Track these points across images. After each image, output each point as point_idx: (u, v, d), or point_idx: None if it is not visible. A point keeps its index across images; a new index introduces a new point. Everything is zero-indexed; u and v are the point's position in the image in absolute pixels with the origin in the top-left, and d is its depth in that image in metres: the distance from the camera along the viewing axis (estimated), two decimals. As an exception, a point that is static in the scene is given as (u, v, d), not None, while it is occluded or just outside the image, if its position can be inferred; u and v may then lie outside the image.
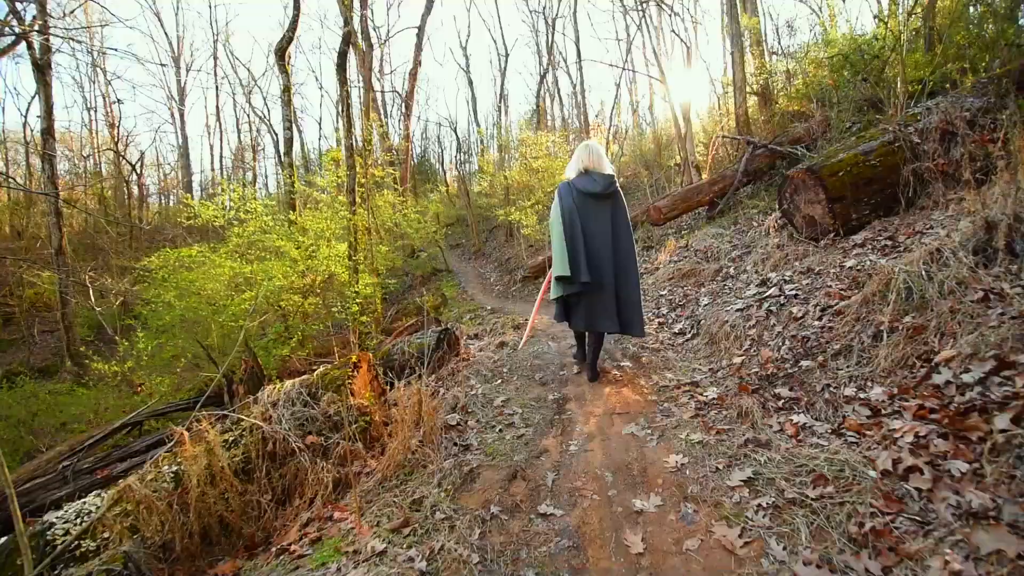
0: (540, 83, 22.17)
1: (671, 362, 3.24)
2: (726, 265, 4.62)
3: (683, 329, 3.70)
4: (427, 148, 30.34)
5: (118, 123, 23.54)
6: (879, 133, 3.68)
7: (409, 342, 4.44)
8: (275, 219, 7.07)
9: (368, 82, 15.60)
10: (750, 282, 3.67)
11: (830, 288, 2.88)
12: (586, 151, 3.17)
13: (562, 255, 2.99)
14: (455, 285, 12.10)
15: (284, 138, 9.22)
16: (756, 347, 2.87)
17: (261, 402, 2.90)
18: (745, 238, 5.04)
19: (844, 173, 3.48)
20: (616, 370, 3.38)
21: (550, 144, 13.02)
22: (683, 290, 4.69)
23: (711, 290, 4.04)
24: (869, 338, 2.29)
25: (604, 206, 3.08)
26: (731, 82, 11.22)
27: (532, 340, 4.60)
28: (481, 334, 5.50)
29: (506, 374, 3.71)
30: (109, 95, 23.35)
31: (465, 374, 3.86)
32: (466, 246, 17.26)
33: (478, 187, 16.66)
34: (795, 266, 3.48)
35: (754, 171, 7.24)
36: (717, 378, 2.83)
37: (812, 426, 2.08)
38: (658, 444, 2.32)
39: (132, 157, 24.22)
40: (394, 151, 21.21)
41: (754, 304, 3.19)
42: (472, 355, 4.42)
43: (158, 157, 30.28)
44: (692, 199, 6.75)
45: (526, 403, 3.04)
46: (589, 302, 3.03)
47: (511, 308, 7.37)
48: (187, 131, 25.09)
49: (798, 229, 3.89)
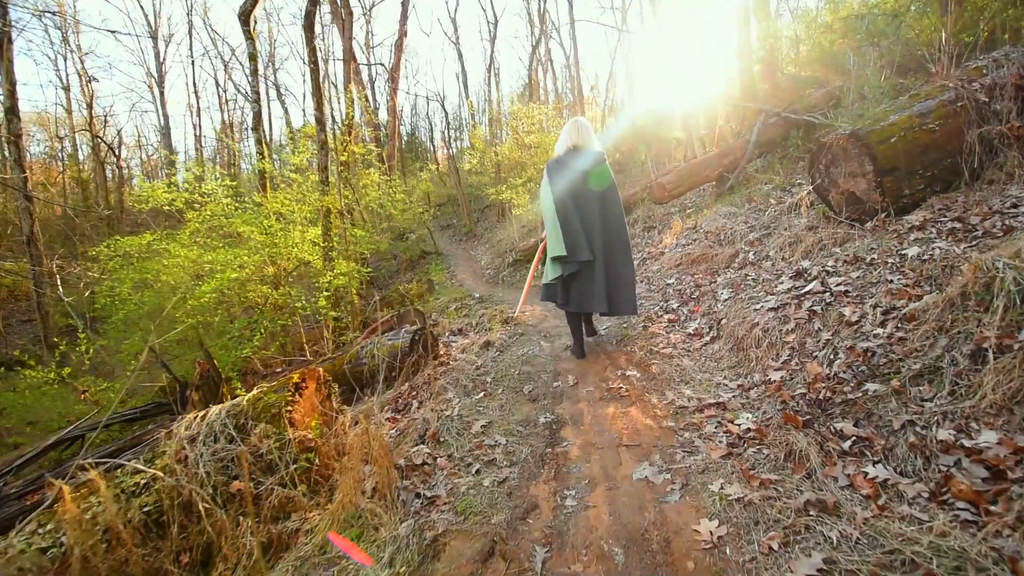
0: (532, 54, 21.17)
1: (688, 373, 2.66)
2: (743, 249, 4.02)
3: (699, 330, 3.11)
4: (417, 125, 29.31)
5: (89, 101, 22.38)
6: (937, 90, 3.04)
7: (379, 343, 3.85)
8: (238, 201, 6.37)
9: (349, 52, 14.64)
10: (780, 272, 3.07)
11: (891, 284, 2.29)
12: (575, 128, 3.13)
13: (557, 235, 2.97)
14: (444, 269, 11.46)
15: (252, 111, 8.44)
16: (798, 359, 2.29)
17: (176, 437, 2.31)
18: (763, 218, 4.43)
19: (897, 139, 2.86)
20: (621, 381, 2.80)
21: (542, 118, 12.23)
22: (693, 278, 4.10)
23: (730, 281, 3.44)
24: (965, 358, 1.71)
25: (594, 183, 3.04)
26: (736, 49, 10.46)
27: (522, 338, 4.02)
28: (466, 329, 4.92)
29: (490, 384, 3.13)
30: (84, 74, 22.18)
31: (443, 384, 3.28)
32: (457, 227, 16.54)
33: (468, 164, 15.89)
34: (835, 253, 2.89)
35: (767, 142, 6.59)
36: (750, 399, 2.26)
37: (897, 485, 1.51)
38: (682, 498, 1.75)
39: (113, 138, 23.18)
40: (380, 127, 20.32)
41: (791, 302, 2.60)
42: (453, 357, 3.84)
43: (139, 138, 29.07)
44: (699, 174, 6.11)
45: (511, 429, 2.46)
46: (582, 282, 3.03)
47: (500, 296, 6.77)
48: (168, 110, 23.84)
49: (835, 208, 3.28)
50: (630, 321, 3.75)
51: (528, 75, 21.58)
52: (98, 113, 24.54)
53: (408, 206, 11.10)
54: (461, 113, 25.74)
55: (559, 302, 3.21)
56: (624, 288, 3.07)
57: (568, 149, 3.10)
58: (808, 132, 6.67)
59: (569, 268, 2.99)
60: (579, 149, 3.07)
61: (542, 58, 21.87)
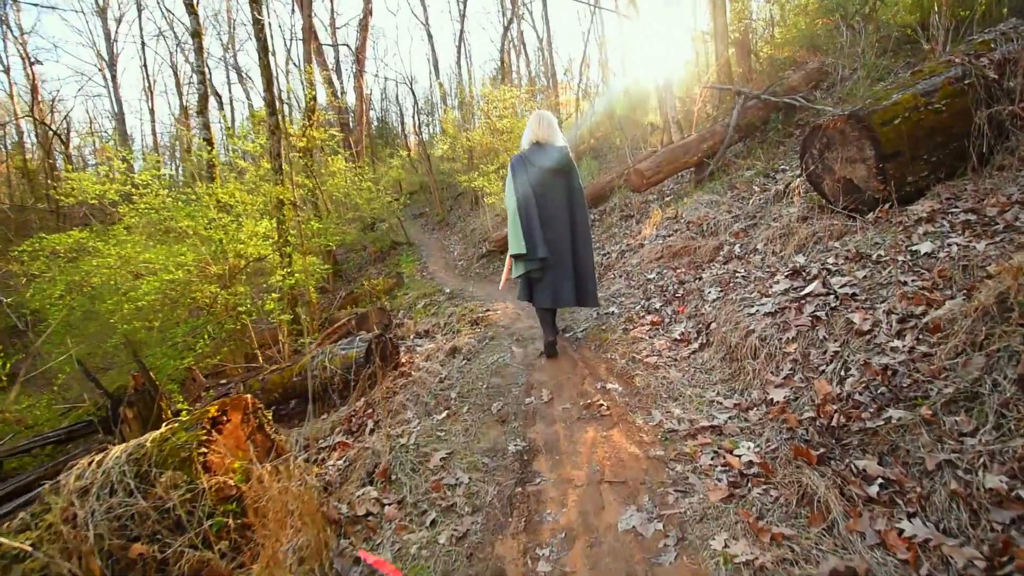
0: (504, 35, 20.51)
1: (676, 387, 2.35)
2: (728, 241, 3.74)
3: (686, 334, 2.80)
4: (388, 110, 28.34)
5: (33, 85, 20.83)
6: (943, 66, 2.76)
7: (331, 354, 3.44)
8: (177, 193, 5.78)
9: (309, 31, 13.79)
10: (773, 270, 2.78)
11: (905, 286, 2.01)
12: (537, 122, 3.12)
13: (516, 232, 2.97)
14: (415, 260, 10.98)
15: (197, 93, 7.74)
16: (803, 373, 2.00)
17: (65, 490, 1.89)
18: (748, 206, 4.15)
19: (901, 120, 2.58)
20: (601, 396, 2.48)
21: (515, 101, 11.77)
22: (676, 273, 3.80)
23: (717, 278, 3.14)
24: (1011, 383, 1.43)
25: (558, 179, 3.05)
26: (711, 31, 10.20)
27: (491, 343, 3.67)
28: (433, 331, 4.53)
29: (454, 401, 2.77)
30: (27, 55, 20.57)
31: (402, 400, 2.91)
32: (430, 215, 15.97)
33: (439, 150, 15.31)
34: (834, 249, 2.61)
35: (746, 126, 6.33)
36: (750, 422, 1.96)
37: (941, 547, 1.22)
38: (678, 558, 1.44)
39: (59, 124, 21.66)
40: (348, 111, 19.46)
41: (790, 305, 2.31)
42: (416, 366, 3.47)
43: (92, 124, 27.25)
44: (678, 160, 5.81)
45: (476, 462, 2.12)
46: (552, 278, 3.02)
47: (471, 291, 6.39)
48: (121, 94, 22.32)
49: (829, 197, 3.00)
50: (609, 323, 3.44)
51: (500, 57, 20.92)
52: (47, 99, 22.93)
53: (375, 195, 10.52)
54: (433, 97, 24.91)
55: (527, 299, 3.20)
56: (590, 282, 3.13)
57: (532, 144, 3.09)
58: (788, 115, 6.44)
59: (530, 266, 3.00)
60: (543, 144, 3.06)
61: (515, 40, 21.24)
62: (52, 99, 23.96)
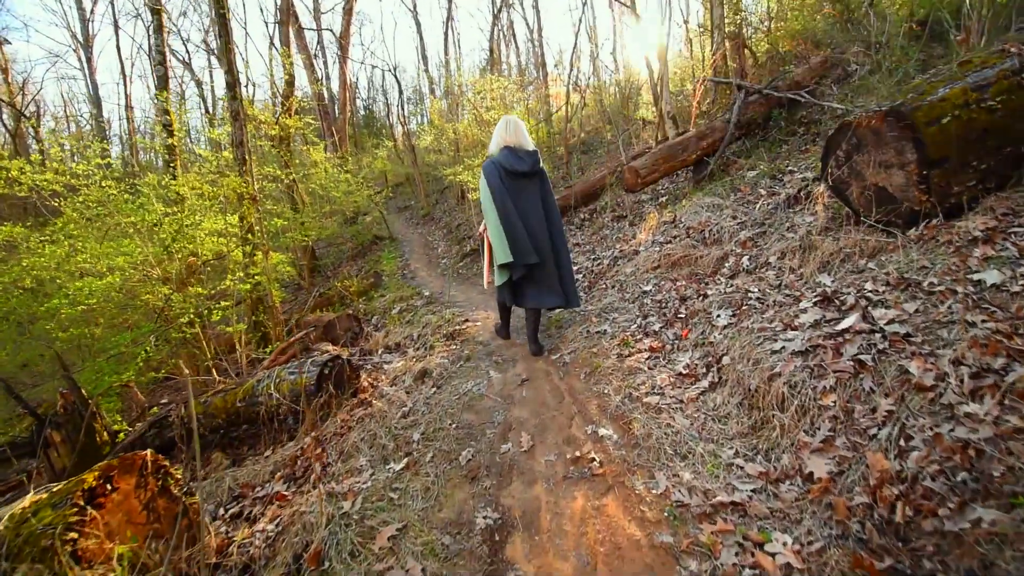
0: (493, 24, 19.87)
1: (684, 439, 1.93)
2: (734, 252, 3.34)
3: (693, 367, 2.38)
4: (375, 99, 27.60)
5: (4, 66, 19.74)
6: (996, 56, 2.36)
7: (279, 378, 2.97)
8: (126, 185, 5.20)
9: (287, 12, 13.08)
10: (796, 294, 2.36)
11: (974, 328, 1.60)
12: (505, 127, 3.12)
13: (501, 240, 2.93)
14: (396, 257, 10.46)
15: (156, 75, 7.11)
16: (846, 436, 1.59)
17: None
18: (754, 212, 3.75)
19: (950, 120, 2.17)
20: (592, 445, 2.06)
21: (503, 91, 11.26)
22: (676, 287, 3.38)
23: (727, 298, 2.72)
24: None
25: (532, 183, 3.09)
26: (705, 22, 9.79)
27: (466, 365, 3.22)
28: (405, 344, 4.07)
29: (417, 445, 2.32)
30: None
31: (355, 440, 2.45)
32: (415, 209, 15.40)
33: (424, 142, 14.74)
34: (869, 271, 2.20)
35: (747, 122, 5.93)
36: (783, 500, 1.54)
37: None
38: None
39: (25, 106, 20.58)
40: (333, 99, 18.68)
41: (824, 343, 1.89)
42: (379, 392, 3.01)
43: (67, 109, 26.04)
44: (676, 158, 5.39)
45: (434, 543, 1.67)
46: (536, 281, 3.06)
47: (452, 294, 5.92)
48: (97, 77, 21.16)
49: (855, 207, 2.60)
50: (601, 344, 3.01)
51: (490, 47, 20.30)
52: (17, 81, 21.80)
53: (353, 187, 9.95)
54: (421, 87, 24.22)
55: (510, 302, 3.20)
56: (571, 282, 3.18)
57: (502, 149, 3.07)
58: (791, 112, 6.06)
59: (517, 273, 3.00)
60: (514, 149, 3.05)
61: (504, 31, 20.65)
62: (23, 81, 22.81)
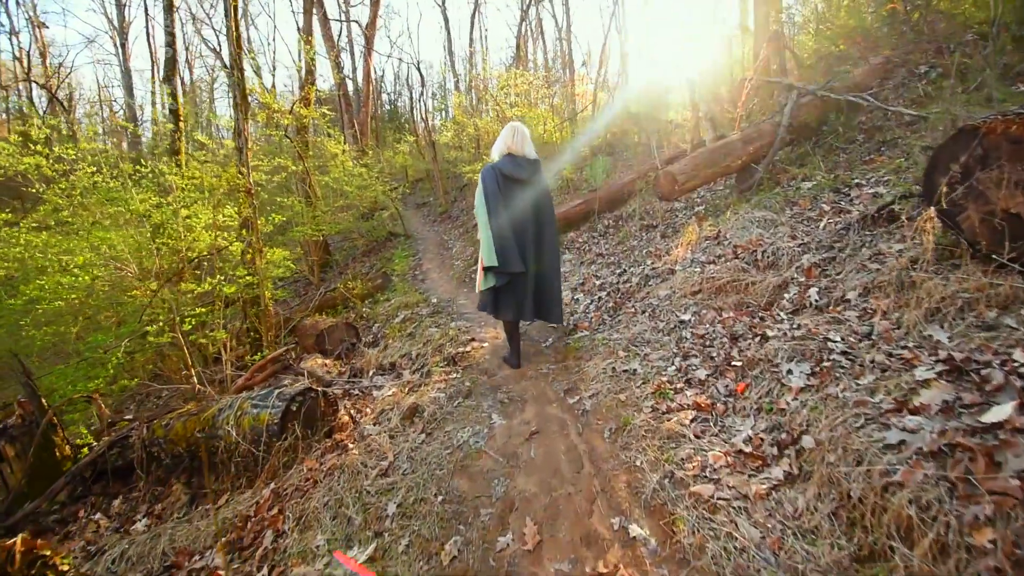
0: (521, 20, 19.33)
1: (753, 563, 1.37)
2: (796, 280, 2.74)
3: (756, 443, 1.81)
4: (400, 93, 27.43)
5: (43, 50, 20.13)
6: None
7: (241, 411, 2.49)
8: (112, 173, 4.82)
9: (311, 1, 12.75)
10: (909, 354, 1.77)
11: None
12: (512, 134, 3.05)
13: (489, 245, 2.89)
14: (409, 256, 10.01)
15: (164, 57, 6.76)
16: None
17: None
18: (817, 232, 3.14)
19: None
20: (620, 550, 1.51)
21: (529, 88, 10.72)
22: (721, 318, 2.80)
23: (796, 345, 2.13)
24: None
25: (529, 193, 3.03)
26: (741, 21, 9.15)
27: (464, 403, 2.70)
28: (401, 365, 3.56)
29: (390, 524, 1.81)
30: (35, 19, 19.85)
31: (317, 505, 1.95)
32: (433, 205, 14.97)
33: (444, 137, 14.29)
34: (1008, 329, 1.60)
35: (799, 127, 5.28)
36: None
37: None
38: None
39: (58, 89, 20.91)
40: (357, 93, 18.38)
41: (971, 445, 1.31)
42: (359, 432, 2.51)
43: (100, 93, 26.49)
44: (719, 163, 4.77)
45: None
46: (518, 291, 3.02)
47: (462, 303, 5.41)
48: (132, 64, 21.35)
49: (971, 239, 1.99)
50: (630, 389, 2.45)
51: (516, 43, 19.75)
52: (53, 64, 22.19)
53: (368, 181, 9.52)
54: (446, 83, 23.78)
55: (490, 311, 3.12)
56: (553, 300, 3.15)
57: (504, 155, 3.02)
58: (850, 117, 5.39)
59: (501, 280, 2.96)
60: (516, 156, 3.00)
61: (532, 28, 20.08)
62: (59, 65, 23.19)
